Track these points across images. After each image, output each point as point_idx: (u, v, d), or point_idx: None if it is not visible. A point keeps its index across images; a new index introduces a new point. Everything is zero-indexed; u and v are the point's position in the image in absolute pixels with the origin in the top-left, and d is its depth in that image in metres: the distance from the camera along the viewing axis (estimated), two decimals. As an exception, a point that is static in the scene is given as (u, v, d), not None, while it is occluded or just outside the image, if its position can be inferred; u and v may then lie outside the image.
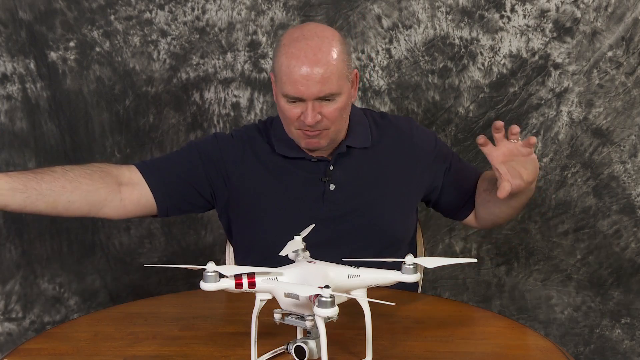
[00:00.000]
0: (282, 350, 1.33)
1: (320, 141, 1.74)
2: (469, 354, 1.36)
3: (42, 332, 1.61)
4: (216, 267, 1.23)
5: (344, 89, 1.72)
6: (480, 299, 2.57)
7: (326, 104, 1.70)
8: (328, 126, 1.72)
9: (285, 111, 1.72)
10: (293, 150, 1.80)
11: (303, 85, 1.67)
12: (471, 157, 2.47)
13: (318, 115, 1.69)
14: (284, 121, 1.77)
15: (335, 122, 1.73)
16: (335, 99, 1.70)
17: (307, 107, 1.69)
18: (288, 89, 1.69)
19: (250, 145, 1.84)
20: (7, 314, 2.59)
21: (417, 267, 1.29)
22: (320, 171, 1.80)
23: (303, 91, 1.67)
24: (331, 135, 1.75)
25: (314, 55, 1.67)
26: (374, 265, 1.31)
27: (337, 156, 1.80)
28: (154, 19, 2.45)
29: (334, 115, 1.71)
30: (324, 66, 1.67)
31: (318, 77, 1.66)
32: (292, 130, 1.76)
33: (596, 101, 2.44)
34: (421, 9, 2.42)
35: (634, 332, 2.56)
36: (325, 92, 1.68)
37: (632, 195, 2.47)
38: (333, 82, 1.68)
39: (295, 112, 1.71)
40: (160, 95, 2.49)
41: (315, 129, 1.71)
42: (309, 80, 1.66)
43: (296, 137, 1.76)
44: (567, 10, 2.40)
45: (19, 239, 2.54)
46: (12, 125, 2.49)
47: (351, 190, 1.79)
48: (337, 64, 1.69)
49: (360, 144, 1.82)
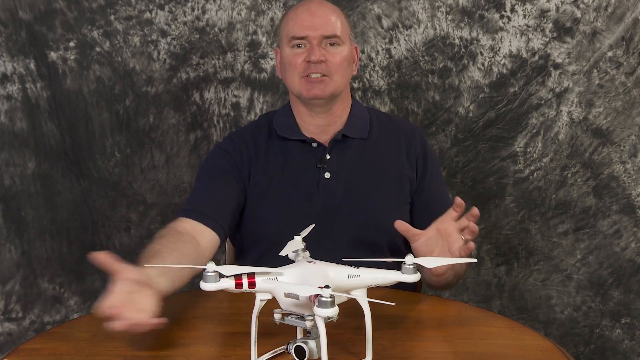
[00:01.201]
0: (282, 350, 1.33)
1: (321, 88, 1.78)
2: (469, 354, 1.36)
3: (42, 332, 1.61)
4: (216, 267, 1.23)
5: (346, 42, 1.81)
6: (480, 299, 2.56)
7: (331, 49, 1.79)
8: (330, 72, 1.78)
9: (291, 59, 1.80)
10: (294, 132, 1.85)
11: (310, 21, 1.77)
12: (471, 157, 2.48)
13: (322, 55, 1.76)
14: (290, 71, 1.81)
15: (337, 70, 1.79)
16: (339, 44, 1.79)
17: (313, 46, 1.77)
18: (295, 30, 1.79)
19: (250, 140, 1.87)
20: (7, 314, 2.59)
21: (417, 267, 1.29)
22: (317, 158, 1.82)
23: (310, 28, 1.77)
24: (333, 86, 1.79)
25: (320, 3, 1.83)
26: (374, 265, 1.31)
27: (333, 143, 1.83)
28: (154, 19, 2.45)
29: (336, 61, 1.78)
30: (330, 11, 1.81)
31: (324, 18, 1.78)
32: (296, 81, 1.80)
33: (596, 101, 2.44)
34: (421, 9, 2.42)
35: (634, 332, 2.56)
36: (330, 31, 1.78)
37: (632, 195, 2.47)
38: (338, 25, 1.80)
39: (300, 58, 1.78)
40: (160, 95, 2.49)
41: (317, 71, 1.77)
42: (317, 17, 1.78)
43: (299, 88, 1.80)
44: (567, 10, 2.39)
45: (19, 239, 2.54)
46: (12, 125, 2.49)
47: (346, 180, 1.81)
48: (341, 16, 1.83)
49: (356, 134, 1.85)
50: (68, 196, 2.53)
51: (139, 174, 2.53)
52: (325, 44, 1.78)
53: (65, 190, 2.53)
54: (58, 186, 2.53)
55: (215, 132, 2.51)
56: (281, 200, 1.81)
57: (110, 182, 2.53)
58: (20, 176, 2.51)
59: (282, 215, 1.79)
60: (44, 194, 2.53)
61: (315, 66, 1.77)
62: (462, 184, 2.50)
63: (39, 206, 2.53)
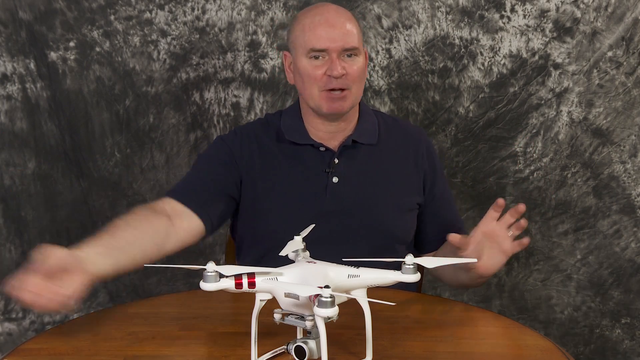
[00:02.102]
0: (282, 350, 1.33)
1: (342, 104, 1.76)
2: (469, 354, 1.36)
3: (42, 332, 1.61)
4: (216, 267, 1.23)
5: (362, 51, 1.78)
6: (480, 299, 2.56)
7: (349, 60, 1.74)
8: (350, 85, 1.75)
9: (310, 71, 1.74)
10: (303, 137, 1.82)
11: (330, 34, 1.72)
12: (471, 157, 2.48)
13: (343, 68, 1.72)
14: (308, 83, 1.76)
15: (356, 82, 1.76)
16: (357, 55, 1.75)
17: (334, 59, 1.72)
18: (314, 42, 1.73)
19: (256, 138, 1.85)
20: (7, 314, 2.59)
21: (417, 267, 1.29)
22: (325, 162, 1.81)
23: (331, 40, 1.72)
24: (352, 99, 1.77)
25: (336, 12, 1.76)
26: (374, 265, 1.31)
27: (343, 148, 1.81)
28: (154, 19, 2.45)
29: (356, 73, 1.75)
30: (347, 20, 1.75)
31: (343, 29, 1.73)
32: (315, 94, 1.76)
33: (596, 101, 2.44)
34: (421, 9, 2.42)
35: (634, 332, 2.56)
36: (350, 43, 1.73)
37: (632, 195, 2.47)
38: (355, 36, 1.75)
39: (320, 71, 1.73)
40: (160, 95, 2.49)
41: (338, 86, 1.73)
42: (334, 31, 1.72)
43: (319, 102, 1.76)
44: (567, 10, 2.40)
45: (19, 239, 2.54)
46: (12, 125, 2.49)
47: (354, 185, 1.80)
48: (357, 26, 1.77)
49: (366, 140, 1.83)
50: (68, 196, 2.53)
51: (139, 174, 2.53)
52: (344, 55, 1.74)
53: (65, 190, 2.53)
54: (58, 186, 2.53)
55: (215, 132, 2.51)
56: (288, 202, 1.80)
57: (110, 182, 2.53)
58: (20, 176, 2.51)
59: (289, 217, 1.78)
60: (44, 194, 2.53)
61: (337, 81, 1.73)
62: (462, 184, 2.50)
63: (39, 206, 2.53)
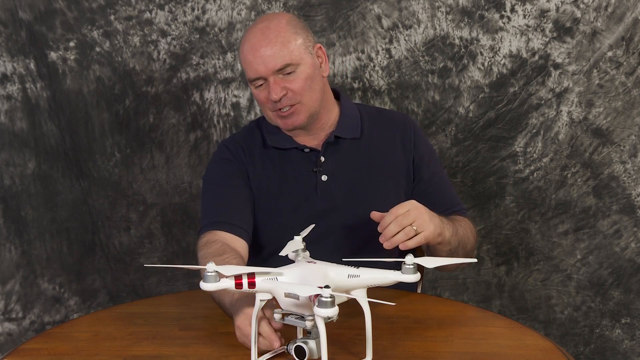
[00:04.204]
0: (282, 350, 1.33)
1: (295, 119, 1.77)
2: (469, 354, 1.36)
3: (42, 332, 1.61)
4: (216, 267, 1.23)
5: (303, 60, 1.75)
6: (480, 299, 2.56)
7: (288, 77, 1.75)
8: (297, 99, 1.76)
9: (256, 97, 1.79)
10: (286, 141, 1.84)
11: (257, 62, 1.73)
12: (471, 157, 2.48)
13: (282, 89, 1.74)
14: (261, 107, 1.82)
15: (303, 93, 1.76)
16: (295, 70, 1.75)
17: (270, 84, 1.74)
18: (249, 73, 1.76)
19: (243, 147, 1.86)
20: (7, 314, 2.59)
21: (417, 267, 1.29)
22: (312, 162, 1.82)
23: (259, 68, 1.73)
24: (306, 109, 1.77)
25: (262, 34, 1.75)
26: (374, 265, 1.31)
27: (327, 145, 1.82)
28: (154, 19, 2.45)
29: (298, 86, 1.75)
30: (273, 40, 1.74)
31: (268, 52, 1.73)
32: (269, 115, 1.80)
33: (596, 101, 2.44)
34: (421, 9, 2.42)
35: (634, 332, 2.56)
36: (279, 64, 1.73)
37: (632, 195, 2.47)
38: (285, 53, 1.73)
39: (264, 95, 1.76)
40: (160, 95, 2.49)
41: (285, 105, 1.75)
42: (261, 57, 1.73)
43: (274, 121, 1.80)
44: (567, 10, 2.39)
45: (19, 239, 2.54)
46: (12, 125, 2.49)
47: (344, 180, 1.81)
48: (288, 37, 1.75)
49: (349, 135, 1.84)
50: (68, 196, 2.53)
51: (139, 174, 2.53)
52: (280, 75, 1.74)
53: (65, 190, 2.53)
54: (58, 186, 2.53)
55: (215, 132, 2.51)
56: (281, 205, 1.80)
57: (110, 182, 2.53)
58: (20, 176, 2.51)
59: (283, 220, 1.79)
60: (44, 194, 2.53)
61: (280, 102, 1.75)
62: (462, 184, 2.50)
63: (39, 206, 2.53)
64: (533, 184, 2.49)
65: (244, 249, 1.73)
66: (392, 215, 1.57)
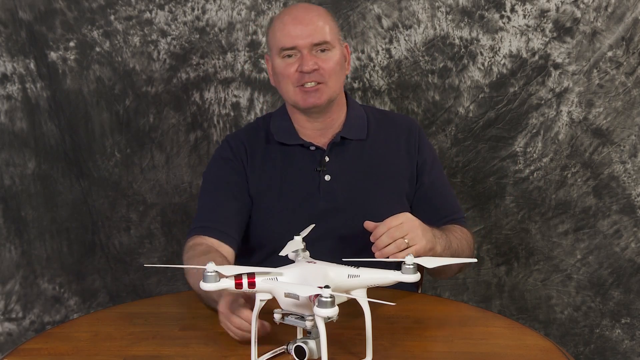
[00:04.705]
0: (282, 350, 1.33)
1: (318, 97, 1.78)
2: (469, 354, 1.36)
3: (42, 332, 1.61)
4: (216, 267, 1.23)
5: (336, 46, 1.79)
6: (480, 299, 2.56)
7: (322, 55, 1.77)
8: (324, 79, 1.77)
9: (283, 69, 1.78)
10: (292, 137, 1.84)
11: (297, 32, 1.75)
12: (471, 157, 2.48)
13: (314, 64, 1.75)
14: (283, 82, 1.80)
15: (331, 75, 1.77)
16: (330, 50, 1.77)
17: (304, 55, 1.75)
18: (283, 41, 1.76)
19: (245, 144, 1.86)
20: (7, 314, 2.59)
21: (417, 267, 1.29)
22: (316, 161, 1.81)
23: (297, 38, 1.75)
24: (328, 93, 1.79)
25: (305, 9, 1.80)
26: (374, 265, 1.31)
27: (332, 146, 1.83)
28: (154, 19, 2.45)
29: (329, 66, 1.77)
30: (317, 15, 1.78)
31: (311, 25, 1.76)
32: (291, 91, 1.79)
33: (596, 101, 2.44)
34: (421, 9, 2.42)
35: (634, 332, 2.56)
36: (319, 38, 1.76)
37: (632, 195, 2.47)
38: (326, 31, 1.77)
39: (292, 68, 1.77)
40: (160, 95, 2.49)
41: (312, 80, 1.76)
42: (302, 27, 1.75)
43: (295, 98, 1.79)
44: (567, 10, 2.39)
45: (19, 239, 2.54)
46: (12, 125, 2.49)
47: (346, 181, 1.81)
48: (328, 19, 1.80)
49: (355, 136, 1.85)
50: (68, 196, 2.53)
51: (139, 174, 2.53)
52: (315, 50, 1.77)
53: (65, 190, 2.53)
54: (58, 186, 2.53)
55: (215, 132, 2.51)
56: (282, 204, 1.80)
57: (110, 182, 2.53)
58: (20, 176, 2.51)
59: (284, 218, 1.79)
60: (44, 194, 2.53)
61: (309, 76, 1.76)
62: (462, 184, 2.50)
63: (39, 206, 2.53)
64: (533, 184, 2.49)
65: (230, 256, 1.74)
66: (385, 226, 1.58)
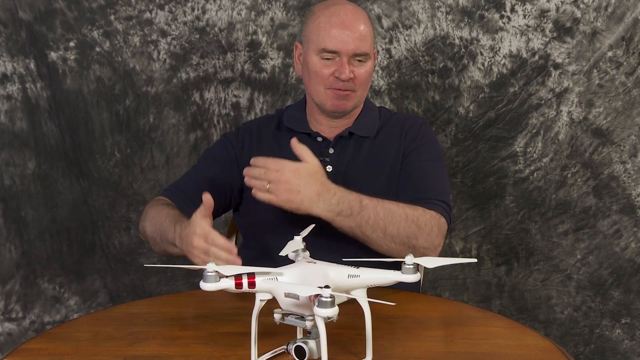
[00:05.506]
0: (282, 350, 1.33)
1: (346, 103, 1.80)
2: (469, 354, 1.36)
3: (42, 332, 1.61)
4: (216, 267, 1.23)
5: (372, 56, 1.81)
6: (480, 299, 2.56)
7: (358, 65, 1.77)
8: (356, 88, 1.79)
9: (319, 69, 1.78)
10: (301, 125, 1.86)
11: (344, 38, 1.74)
12: (471, 157, 2.48)
13: (351, 72, 1.76)
14: (315, 80, 1.80)
15: (362, 85, 1.80)
16: (366, 61, 1.79)
17: (343, 63, 1.75)
18: (327, 43, 1.75)
19: (257, 130, 1.89)
20: (7, 314, 2.59)
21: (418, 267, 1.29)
22: (321, 151, 1.83)
23: (342, 44, 1.74)
24: (355, 101, 1.81)
25: (353, 14, 1.77)
26: (374, 265, 1.31)
27: (338, 139, 1.84)
28: (154, 19, 2.45)
29: (363, 77, 1.78)
30: (363, 23, 1.77)
31: (357, 34, 1.75)
32: (320, 91, 1.80)
33: (596, 101, 2.44)
34: (421, 9, 2.42)
35: (634, 332, 2.56)
36: (361, 49, 1.76)
37: (632, 195, 2.47)
38: (368, 41, 1.78)
39: (328, 70, 1.77)
40: (160, 95, 2.49)
41: (345, 87, 1.77)
42: (349, 34, 1.74)
43: (324, 99, 1.80)
44: (567, 10, 2.39)
45: (19, 239, 2.54)
46: (12, 125, 2.49)
47: (347, 174, 1.81)
48: (370, 27, 1.80)
49: (363, 133, 1.86)
50: (68, 196, 2.53)
51: (139, 174, 2.53)
52: (354, 59, 1.77)
53: (65, 190, 2.53)
54: (58, 186, 2.53)
55: (215, 132, 2.51)
56: None
57: (110, 182, 2.53)
58: (20, 176, 2.51)
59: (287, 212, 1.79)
60: (44, 194, 2.53)
61: (343, 83, 1.77)
62: (462, 184, 2.50)
63: (39, 206, 2.53)
64: (533, 184, 2.49)
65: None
66: (268, 162, 1.60)
